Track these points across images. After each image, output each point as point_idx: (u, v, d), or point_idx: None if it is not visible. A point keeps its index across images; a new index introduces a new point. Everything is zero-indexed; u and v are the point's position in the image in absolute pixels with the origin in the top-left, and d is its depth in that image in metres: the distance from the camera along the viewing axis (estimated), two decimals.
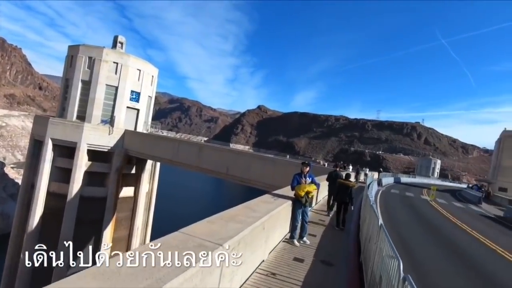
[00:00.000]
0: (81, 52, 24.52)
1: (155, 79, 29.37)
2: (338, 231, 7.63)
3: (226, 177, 19.46)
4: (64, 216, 22.96)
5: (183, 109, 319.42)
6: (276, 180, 17.30)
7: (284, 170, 17.04)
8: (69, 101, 24.65)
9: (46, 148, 23.09)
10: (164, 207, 40.01)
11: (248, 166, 18.37)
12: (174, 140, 21.59)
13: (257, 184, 18.07)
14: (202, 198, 77.75)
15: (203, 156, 20.16)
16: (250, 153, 18.93)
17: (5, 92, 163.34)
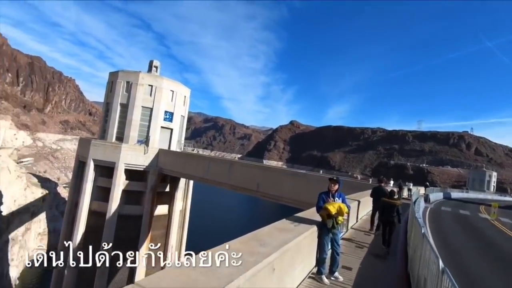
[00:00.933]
0: (120, 78, 26.26)
1: (187, 99, 30.34)
2: (381, 261, 6.55)
3: (256, 194, 18.86)
4: (104, 233, 23.83)
5: (217, 127, 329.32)
6: (309, 197, 16.29)
7: (317, 186, 15.97)
8: (109, 124, 26.25)
9: (88, 169, 24.54)
10: (198, 225, 40.28)
11: (279, 182, 17.65)
12: (205, 158, 21.75)
13: (289, 201, 17.22)
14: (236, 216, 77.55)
15: (233, 173, 19.88)
16: (281, 169, 18.22)
17: (61, 119, 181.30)
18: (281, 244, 3.22)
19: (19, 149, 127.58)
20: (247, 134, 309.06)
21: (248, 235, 3.34)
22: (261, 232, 3.62)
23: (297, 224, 4.45)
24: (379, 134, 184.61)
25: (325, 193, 5.12)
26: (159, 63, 30.01)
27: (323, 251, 4.71)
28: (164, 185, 27.13)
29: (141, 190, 25.52)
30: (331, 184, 5.13)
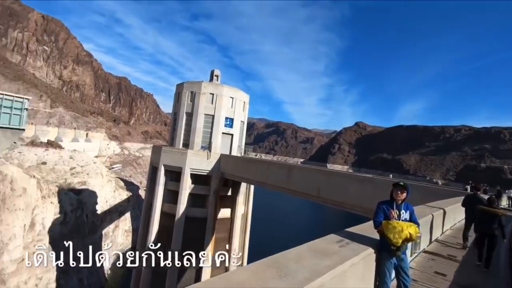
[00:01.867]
0: (185, 88, 28.24)
1: (247, 104, 30.91)
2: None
3: (317, 200, 17.78)
4: (173, 233, 25.60)
5: (279, 132, 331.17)
6: (375, 204, 14.59)
7: (387, 192, 14.18)
8: (177, 132, 28.38)
9: (159, 173, 26.85)
10: (260, 229, 40.50)
11: (342, 187, 16.28)
12: (264, 162, 21.62)
13: (353, 208, 15.72)
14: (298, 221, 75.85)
15: (292, 178, 19.20)
16: (344, 173, 16.81)
17: (142, 130, 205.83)
18: (311, 275, 2.28)
19: (110, 157, 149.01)
20: (309, 138, 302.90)
21: (267, 260, 2.49)
22: (287, 255, 2.68)
23: (344, 244, 3.30)
24: (464, 132, 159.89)
25: (387, 204, 3.89)
26: (219, 72, 31.36)
27: (382, 283, 3.46)
28: (226, 189, 27.97)
29: (205, 194, 26.76)
30: (396, 191, 3.86)
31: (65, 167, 53.15)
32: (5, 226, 30.58)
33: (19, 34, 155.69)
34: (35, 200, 36.50)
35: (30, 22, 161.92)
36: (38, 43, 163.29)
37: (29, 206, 34.97)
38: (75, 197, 46.93)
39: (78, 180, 51.95)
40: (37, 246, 35.42)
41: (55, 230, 40.27)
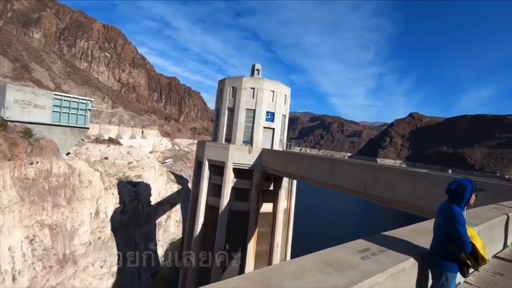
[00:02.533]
0: (226, 84, 28.66)
1: (288, 98, 30.26)
2: None
3: (363, 197, 16.62)
4: (218, 226, 26.38)
5: (324, 125, 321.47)
6: (430, 203, 13.14)
7: (443, 189, 12.66)
8: (219, 127, 29.03)
9: (204, 168, 27.80)
10: (304, 225, 39.73)
11: (392, 183, 14.95)
12: (305, 156, 20.93)
13: (404, 206, 14.36)
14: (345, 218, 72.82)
15: (335, 172, 18.23)
16: (393, 168, 15.43)
17: (191, 126, 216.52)
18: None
19: (163, 152, 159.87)
20: (357, 131, 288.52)
21: (256, 274, 1.93)
22: (286, 268, 2.07)
23: (368, 255, 2.54)
24: None
25: (460, 207, 3.07)
26: (260, 66, 31.16)
27: None
28: (268, 184, 27.87)
29: (248, 188, 26.99)
30: (474, 195, 3.12)
31: (124, 161, 58.36)
32: (75, 214, 34.66)
33: (85, 43, 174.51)
34: (99, 191, 40.68)
35: (93, 32, 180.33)
36: (100, 50, 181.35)
37: (94, 197, 39.13)
38: (132, 189, 51.31)
39: (134, 174, 56.69)
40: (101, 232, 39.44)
41: (116, 218, 44.56)
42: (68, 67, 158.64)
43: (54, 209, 31.70)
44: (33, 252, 27.93)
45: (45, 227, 30.02)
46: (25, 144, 28.91)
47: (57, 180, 32.49)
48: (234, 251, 26.99)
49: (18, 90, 31.02)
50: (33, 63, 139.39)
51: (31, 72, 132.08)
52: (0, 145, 26.04)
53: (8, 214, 25.44)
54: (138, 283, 45.22)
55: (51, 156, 31.83)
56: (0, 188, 24.97)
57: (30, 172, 29.17)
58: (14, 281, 25.31)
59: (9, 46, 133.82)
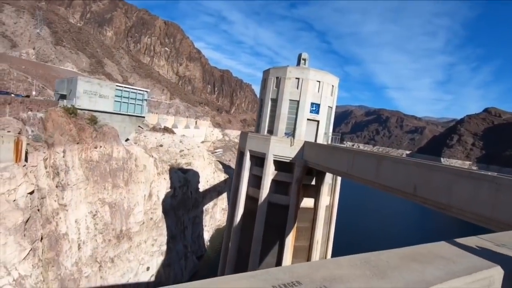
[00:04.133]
0: (271, 74, 28.07)
1: (336, 89, 28.46)
2: None
3: (413, 199, 14.77)
4: (256, 217, 26.37)
5: (381, 120, 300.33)
6: (498, 212, 11.06)
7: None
8: (262, 118, 28.71)
9: (245, 158, 27.90)
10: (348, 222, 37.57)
11: (448, 186, 12.96)
12: (349, 151, 19.40)
13: (462, 214, 12.35)
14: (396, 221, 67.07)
15: (382, 170, 16.51)
16: (451, 169, 13.38)
17: (241, 118, 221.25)
18: None
19: (214, 142, 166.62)
20: (418, 127, 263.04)
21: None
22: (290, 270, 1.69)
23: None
24: None
25: None
26: (307, 56, 29.80)
27: None
28: (310, 178, 26.81)
29: (288, 181, 26.32)
30: None
31: (176, 149, 62.25)
32: (131, 195, 38.11)
33: (148, 39, 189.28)
34: (152, 176, 44.04)
35: (155, 28, 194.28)
36: (161, 45, 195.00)
37: (148, 180, 42.50)
38: (182, 175, 54.53)
39: (185, 161, 60.13)
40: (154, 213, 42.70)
41: (167, 201, 47.92)
42: (134, 61, 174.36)
43: (114, 189, 35.22)
44: (95, 226, 31.49)
45: (105, 205, 33.57)
46: (91, 130, 32.44)
47: (117, 163, 35.94)
48: (272, 243, 26.80)
49: (87, 81, 34.82)
50: (105, 58, 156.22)
51: (104, 66, 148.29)
52: (71, 130, 29.59)
53: (76, 191, 28.96)
54: (184, 263, 48.31)
55: (112, 141, 35.24)
56: (70, 167, 28.48)
57: (94, 155, 32.72)
58: (79, 249, 28.92)
59: (87, 44, 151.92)
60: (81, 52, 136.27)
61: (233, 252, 28.25)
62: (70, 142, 29.00)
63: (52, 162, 26.66)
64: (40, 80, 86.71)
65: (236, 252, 28.14)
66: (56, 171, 26.93)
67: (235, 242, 28.25)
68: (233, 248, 28.11)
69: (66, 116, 29.56)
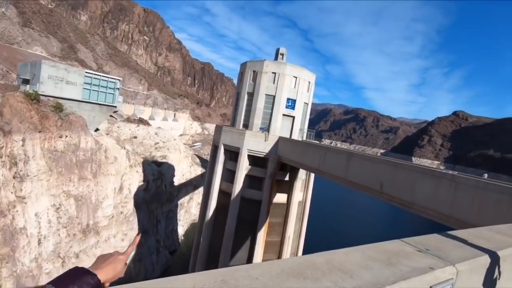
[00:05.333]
0: (248, 68, 27.59)
1: (312, 85, 28.52)
2: None
3: (379, 196, 15.04)
4: (229, 212, 26.04)
5: (358, 119, 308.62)
6: (456, 211, 11.41)
7: (476, 197, 10.94)
8: (238, 112, 28.26)
9: (219, 152, 27.38)
10: (321, 219, 38.20)
11: (412, 184, 13.29)
12: (321, 147, 19.46)
13: (424, 211, 12.71)
14: (370, 216, 69.41)
15: (351, 167, 16.70)
16: (414, 166, 13.69)
17: (221, 112, 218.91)
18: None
19: (193, 135, 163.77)
20: (393, 127, 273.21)
21: None
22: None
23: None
24: None
25: None
26: (285, 50, 29.59)
27: None
28: (283, 174, 26.80)
29: (262, 176, 26.17)
30: None
31: (151, 141, 60.33)
32: (100, 187, 36.42)
33: (126, 26, 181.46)
34: (124, 168, 42.36)
35: (134, 16, 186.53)
36: (140, 34, 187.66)
37: (119, 173, 40.82)
38: (156, 168, 52.97)
39: (160, 154, 58.44)
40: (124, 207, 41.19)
41: (139, 195, 46.38)
42: (110, 49, 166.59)
43: (80, 181, 33.46)
44: (59, 219, 29.79)
45: (71, 197, 31.83)
46: (56, 118, 30.46)
47: (84, 154, 34.12)
48: (244, 238, 26.63)
49: (52, 66, 32.58)
50: (79, 44, 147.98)
51: (77, 52, 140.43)
52: (32, 118, 27.60)
53: (37, 183, 27.15)
54: (156, 258, 47.19)
55: (80, 131, 33.36)
56: (30, 157, 26.61)
57: (59, 144, 30.81)
58: (39, 244, 27.23)
59: (59, 28, 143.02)
60: (52, 36, 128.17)
61: (205, 247, 27.79)
62: (30, 130, 27.06)
63: (9, 151, 24.76)
64: (5, 63, 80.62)
65: (208, 247, 27.72)
66: (14, 161, 25.05)
67: (207, 237, 27.80)
68: (204, 243, 27.65)
69: (26, 102, 27.50)
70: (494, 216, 10.48)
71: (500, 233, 3.57)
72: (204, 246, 27.74)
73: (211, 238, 27.73)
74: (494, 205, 10.38)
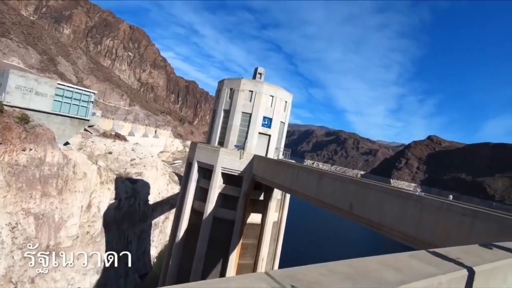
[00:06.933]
0: (225, 85, 27.58)
1: (289, 104, 28.79)
2: None
3: (349, 217, 14.77)
4: (200, 232, 24.89)
5: (339, 141, 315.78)
6: (422, 232, 11.25)
7: (441, 218, 10.87)
8: (214, 129, 27.86)
9: (193, 170, 26.58)
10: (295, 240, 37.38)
11: (380, 205, 13.14)
12: (294, 166, 19.26)
13: (391, 233, 12.49)
14: (348, 237, 69.10)
15: (322, 186, 16.47)
16: (381, 187, 13.60)
17: (204, 130, 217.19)
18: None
19: (174, 153, 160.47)
20: (372, 150, 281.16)
21: None
22: None
23: None
24: None
25: None
26: (263, 70, 29.99)
27: None
28: (258, 193, 26.22)
29: (236, 195, 25.46)
30: None
31: (127, 157, 58.28)
32: (65, 205, 34.15)
33: (110, 42, 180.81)
34: (94, 185, 40.24)
35: (120, 32, 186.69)
36: (124, 50, 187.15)
37: (88, 190, 38.66)
38: (130, 185, 50.78)
39: (135, 171, 56.36)
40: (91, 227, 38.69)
41: (109, 213, 43.91)
42: (92, 63, 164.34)
43: (43, 198, 31.27)
44: (13, 240, 27.36)
45: (30, 216, 29.52)
46: (20, 129, 28.78)
47: (50, 169, 32.16)
48: (215, 261, 25.37)
49: (21, 76, 31.23)
50: (59, 57, 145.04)
51: (57, 65, 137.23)
52: None
53: None
54: (124, 282, 44.07)
55: (46, 144, 31.61)
56: None
57: (21, 158, 28.92)
58: None
59: (40, 40, 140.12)
60: (31, 48, 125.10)
61: (174, 269, 26.21)
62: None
63: None
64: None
65: (177, 270, 26.14)
66: None
67: (177, 259, 26.28)
68: (174, 266, 26.08)
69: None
70: (458, 237, 10.38)
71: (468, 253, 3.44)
72: (174, 269, 26.15)
73: (181, 260, 26.24)
74: (457, 227, 10.32)
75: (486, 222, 9.49)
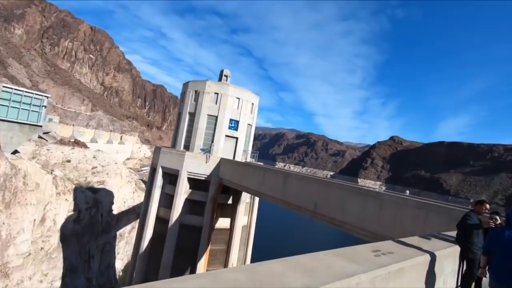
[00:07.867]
0: (190, 88, 26.84)
1: (256, 107, 28.71)
2: None
3: (314, 217, 14.82)
4: (166, 241, 23.77)
5: (309, 143, 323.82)
6: (382, 228, 11.49)
7: (392, 212, 11.17)
8: (179, 133, 26.93)
9: (157, 175, 25.42)
10: (267, 245, 37.31)
11: (342, 203, 13.31)
12: (260, 168, 19.09)
13: (353, 230, 12.65)
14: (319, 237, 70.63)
15: (288, 187, 16.43)
16: (343, 185, 13.78)
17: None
18: None
19: (141, 159, 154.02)
20: (340, 151, 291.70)
21: None
22: None
23: None
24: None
25: None
26: (229, 72, 29.67)
27: None
28: (226, 197, 25.70)
29: (203, 201, 24.71)
30: None
31: (87, 166, 54.63)
32: (13, 220, 30.97)
33: (69, 43, 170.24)
34: (49, 196, 37.04)
35: (79, 33, 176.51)
36: (85, 52, 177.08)
37: (42, 202, 35.47)
38: (91, 195, 47.54)
39: (97, 179, 52.97)
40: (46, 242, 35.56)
41: (67, 227, 40.64)
42: (49, 66, 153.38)
43: None
44: None
45: None
46: None
47: None
48: (182, 270, 24.32)
49: None
50: (10, 59, 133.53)
51: (7, 68, 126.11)
52: None
53: None
54: None
55: None
56: None
57: None
58: None
59: None
60: None
61: (139, 281, 24.66)
62: None
63: None
64: None
65: (142, 281, 24.58)
66: None
67: (141, 270, 24.84)
68: (138, 278, 24.61)
69: None
70: (414, 230, 10.72)
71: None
72: (138, 281, 24.62)
73: (146, 271, 24.84)
74: (412, 220, 10.68)
75: (437, 214, 9.90)
